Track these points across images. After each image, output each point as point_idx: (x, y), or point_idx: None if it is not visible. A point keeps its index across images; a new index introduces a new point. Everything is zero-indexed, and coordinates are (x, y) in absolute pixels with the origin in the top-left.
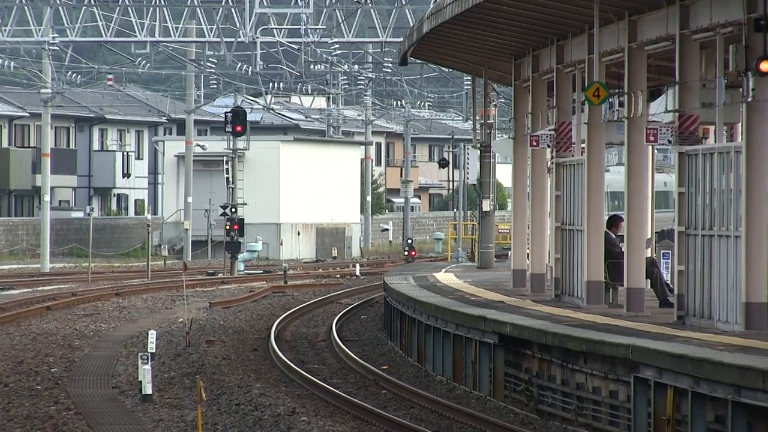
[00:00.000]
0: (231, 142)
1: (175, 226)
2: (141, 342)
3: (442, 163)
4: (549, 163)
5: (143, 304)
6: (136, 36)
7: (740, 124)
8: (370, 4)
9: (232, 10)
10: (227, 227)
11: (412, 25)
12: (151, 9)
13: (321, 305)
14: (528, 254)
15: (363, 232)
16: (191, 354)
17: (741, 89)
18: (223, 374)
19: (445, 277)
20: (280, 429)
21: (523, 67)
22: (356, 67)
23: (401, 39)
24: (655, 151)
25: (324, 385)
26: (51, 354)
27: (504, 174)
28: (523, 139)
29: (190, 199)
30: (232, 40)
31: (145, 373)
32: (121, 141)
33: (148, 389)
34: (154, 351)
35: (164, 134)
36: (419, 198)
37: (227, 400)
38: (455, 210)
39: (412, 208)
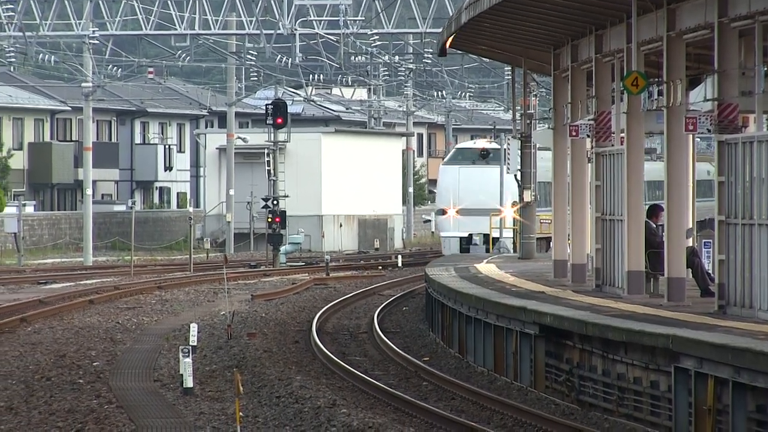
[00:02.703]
0: (272, 135)
1: (218, 219)
2: (183, 335)
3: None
4: (589, 153)
5: (185, 297)
6: (176, 29)
7: None
8: None
9: (272, 1)
10: (269, 219)
11: (451, 15)
12: (191, 2)
13: (363, 297)
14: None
15: (405, 224)
16: (233, 347)
17: None
18: (264, 367)
19: (487, 267)
20: (319, 421)
21: (562, 56)
22: (396, 58)
23: (441, 29)
24: (698, 139)
25: (364, 377)
26: (93, 348)
27: None
28: (562, 129)
29: (232, 192)
30: (272, 32)
31: (186, 366)
32: (162, 134)
33: (189, 382)
34: (195, 344)
35: (206, 127)
36: None
37: (268, 393)
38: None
39: None
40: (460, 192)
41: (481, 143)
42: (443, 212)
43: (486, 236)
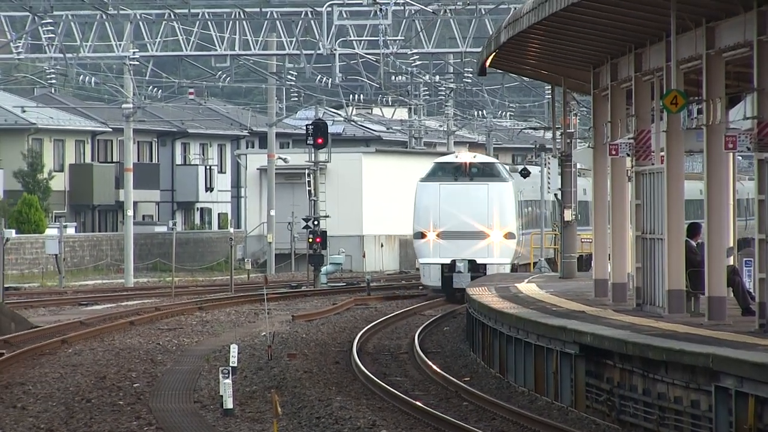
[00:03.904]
0: (313, 155)
1: (259, 240)
2: (224, 356)
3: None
4: (629, 171)
5: (226, 318)
6: (216, 50)
7: None
8: (449, 15)
9: (312, 22)
10: (310, 240)
11: (490, 34)
12: (231, 22)
13: (404, 317)
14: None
15: None
16: (273, 368)
17: None
18: (304, 387)
19: (527, 287)
20: None
21: (602, 75)
22: (437, 77)
23: (481, 49)
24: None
25: (405, 397)
26: (134, 369)
27: None
28: (602, 148)
29: (272, 212)
30: (312, 52)
31: (226, 387)
32: (203, 155)
33: (229, 403)
34: (235, 365)
35: (246, 147)
36: None
37: (308, 414)
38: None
39: None
40: (441, 213)
41: (465, 157)
42: (422, 235)
43: (471, 263)
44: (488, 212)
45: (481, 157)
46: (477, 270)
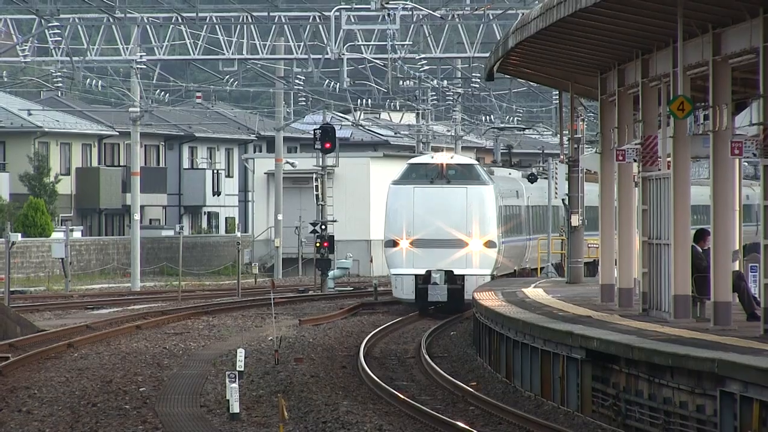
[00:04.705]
0: (320, 159)
1: (266, 244)
2: (230, 360)
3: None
4: (635, 177)
5: (233, 323)
6: (224, 54)
7: None
8: (457, 20)
9: (320, 26)
10: (317, 244)
11: (498, 39)
12: (239, 26)
13: (411, 322)
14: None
15: None
16: (280, 372)
17: None
18: (310, 392)
19: (534, 292)
20: None
21: (609, 81)
22: (445, 82)
23: (488, 54)
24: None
25: (411, 402)
26: (140, 373)
27: None
28: (609, 153)
29: (280, 217)
30: (320, 56)
31: (233, 391)
32: (210, 159)
33: (235, 408)
34: (242, 369)
35: (254, 152)
36: None
37: (314, 418)
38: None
39: None
40: (415, 218)
41: (441, 157)
42: (394, 244)
43: (448, 274)
44: (467, 218)
45: (458, 158)
46: (454, 281)
